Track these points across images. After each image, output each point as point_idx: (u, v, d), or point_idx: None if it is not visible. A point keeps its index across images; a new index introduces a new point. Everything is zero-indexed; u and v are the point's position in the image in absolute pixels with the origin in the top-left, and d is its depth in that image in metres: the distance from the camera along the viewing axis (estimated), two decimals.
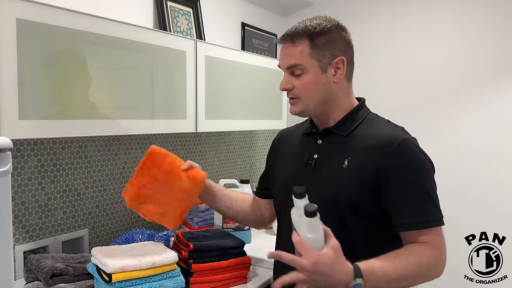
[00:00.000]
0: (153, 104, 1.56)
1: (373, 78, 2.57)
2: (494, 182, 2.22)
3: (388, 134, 1.04)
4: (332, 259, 0.84)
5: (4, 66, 1.11)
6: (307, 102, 1.07)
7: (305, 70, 1.04)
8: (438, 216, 1.01)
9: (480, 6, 2.24)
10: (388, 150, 0.99)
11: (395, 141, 1.00)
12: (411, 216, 0.98)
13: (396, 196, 0.99)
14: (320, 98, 1.07)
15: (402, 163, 0.99)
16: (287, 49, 1.07)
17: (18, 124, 1.15)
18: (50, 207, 1.53)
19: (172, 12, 1.95)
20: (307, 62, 1.04)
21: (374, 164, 1.00)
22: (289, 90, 1.08)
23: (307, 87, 1.05)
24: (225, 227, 1.84)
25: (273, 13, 2.83)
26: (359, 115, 1.11)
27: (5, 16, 1.11)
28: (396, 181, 0.99)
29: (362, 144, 1.04)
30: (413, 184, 1.00)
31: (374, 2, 2.58)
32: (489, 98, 2.24)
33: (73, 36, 1.28)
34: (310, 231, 0.85)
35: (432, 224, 0.99)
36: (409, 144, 1.02)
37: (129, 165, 1.83)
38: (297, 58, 1.05)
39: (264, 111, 2.21)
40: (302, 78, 1.05)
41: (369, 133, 1.06)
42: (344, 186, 1.02)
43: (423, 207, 0.99)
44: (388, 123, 1.11)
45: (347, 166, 1.03)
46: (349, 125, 1.09)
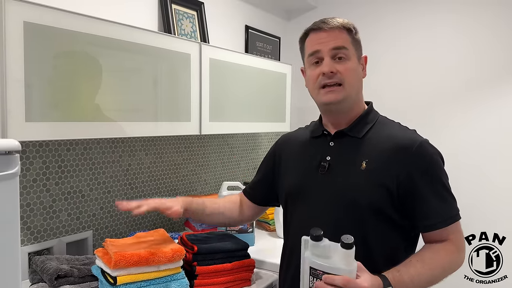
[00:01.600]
0: (157, 107, 1.57)
1: (377, 81, 2.57)
2: (495, 183, 2.22)
3: (405, 137, 1.06)
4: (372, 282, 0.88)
5: (11, 68, 1.12)
6: (348, 90, 1.05)
7: (348, 56, 1.05)
8: (457, 210, 1.04)
9: (483, 9, 2.24)
10: (408, 155, 1.01)
11: (413, 145, 1.02)
12: (437, 216, 1.01)
13: (422, 199, 1.01)
14: (357, 88, 1.08)
15: (423, 166, 1.02)
16: (332, 32, 1.05)
17: (25, 126, 1.15)
18: (54, 208, 1.54)
19: (176, 15, 1.96)
20: (350, 48, 1.06)
21: (395, 169, 1.01)
22: (334, 74, 1.04)
23: (351, 72, 1.05)
24: (229, 229, 1.84)
25: (277, 16, 2.84)
26: (370, 117, 1.12)
27: (12, 19, 1.11)
28: (419, 184, 1.01)
29: (379, 146, 1.05)
30: (435, 184, 1.03)
31: (378, 5, 2.59)
32: (493, 100, 2.24)
33: (79, 39, 1.28)
34: (347, 263, 0.85)
35: (455, 219, 1.03)
36: (426, 147, 1.05)
37: (133, 167, 1.83)
38: (344, 41, 1.05)
39: (268, 113, 2.21)
40: (345, 63, 1.05)
41: (384, 135, 1.07)
42: (364, 188, 1.02)
43: (446, 204, 1.03)
44: (400, 126, 1.13)
45: (365, 168, 1.03)
46: (363, 127, 1.09)
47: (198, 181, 2.20)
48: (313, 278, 0.87)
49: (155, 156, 1.94)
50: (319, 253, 0.86)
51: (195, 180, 2.18)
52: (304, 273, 0.89)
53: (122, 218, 1.79)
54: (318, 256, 0.87)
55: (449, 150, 2.35)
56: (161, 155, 1.98)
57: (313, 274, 0.87)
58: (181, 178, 2.09)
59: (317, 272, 0.86)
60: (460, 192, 2.28)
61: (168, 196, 2.02)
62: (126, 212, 1.81)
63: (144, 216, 1.89)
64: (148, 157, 1.91)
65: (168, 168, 2.02)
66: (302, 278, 0.90)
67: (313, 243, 0.87)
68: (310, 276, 0.87)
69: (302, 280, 0.90)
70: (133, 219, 1.84)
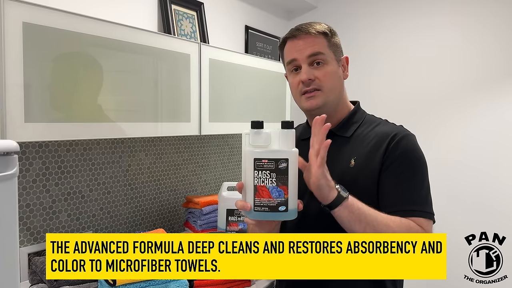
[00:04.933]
0: (157, 107, 1.57)
1: (377, 81, 2.57)
2: (495, 183, 2.22)
3: (391, 129, 1.06)
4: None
5: (10, 69, 1.12)
6: (328, 94, 1.06)
7: (325, 60, 1.06)
8: (431, 210, 1.01)
9: (483, 9, 2.24)
10: (392, 142, 1.02)
11: (399, 135, 1.03)
12: (396, 205, 0.98)
13: (385, 186, 1.00)
14: (337, 91, 1.08)
15: (405, 154, 1.01)
16: (308, 39, 1.06)
17: (24, 127, 1.15)
18: (54, 209, 1.54)
19: (176, 16, 1.96)
20: (328, 53, 1.06)
21: (377, 162, 1.02)
22: (311, 81, 1.06)
23: (329, 77, 1.06)
24: (229, 229, 1.84)
25: (277, 16, 2.83)
26: (357, 117, 1.13)
27: (11, 20, 1.11)
28: (397, 169, 1.00)
29: (368, 143, 1.06)
30: (414, 174, 1.01)
31: (378, 6, 2.58)
32: (492, 100, 2.23)
33: (78, 40, 1.28)
34: (290, 145, 0.86)
35: (427, 215, 0.98)
36: (412, 138, 1.05)
37: (133, 167, 1.83)
38: (320, 47, 1.05)
39: (268, 113, 2.21)
40: (323, 68, 1.05)
41: (372, 132, 1.08)
42: (353, 185, 1.02)
43: (421, 197, 1.00)
44: (387, 122, 1.13)
45: (354, 166, 1.04)
46: (350, 127, 1.11)
47: (198, 182, 2.20)
48: (258, 172, 0.85)
49: (155, 157, 1.94)
50: (261, 142, 0.85)
51: (195, 181, 2.18)
52: (247, 170, 0.86)
53: (121, 218, 1.79)
54: (260, 147, 0.85)
55: (448, 150, 2.36)
56: (161, 156, 1.98)
57: (257, 167, 0.85)
58: (181, 178, 2.09)
59: (262, 162, 0.85)
60: (460, 192, 2.32)
61: (168, 196, 2.02)
62: (126, 212, 1.81)
63: (144, 216, 1.89)
64: (148, 157, 1.91)
65: (168, 168, 2.02)
66: (245, 176, 0.87)
67: (255, 133, 0.86)
68: (254, 171, 0.85)
69: (244, 176, 0.87)
70: (133, 220, 1.84)
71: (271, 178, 0.84)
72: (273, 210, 0.85)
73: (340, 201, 0.89)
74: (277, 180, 0.84)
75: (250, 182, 0.86)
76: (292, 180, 0.85)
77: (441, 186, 2.33)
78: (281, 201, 0.85)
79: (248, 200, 0.86)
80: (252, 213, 0.86)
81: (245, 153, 0.87)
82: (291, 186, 0.85)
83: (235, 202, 0.90)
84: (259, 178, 0.85)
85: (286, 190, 0.84)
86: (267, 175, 0.85)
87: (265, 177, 0.85)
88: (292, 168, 0.85)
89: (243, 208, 0.86)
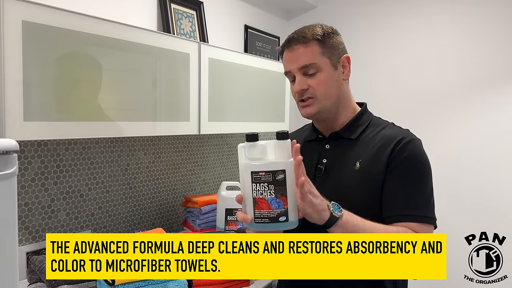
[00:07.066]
0: (156, 106, 1.56)
1: (376, 81, 2.57)
2: (495, 183, 2.23)
3: (398, 133, 1.06)
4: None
5: (10, 68, 1.11)
6: (323, 102, 1.07)
7: (318, 68, 1.05)
8: (433, 215, 1.01)
9: (482, 8, 2.24)
10: (398, 146, 1.02)
11: (404, 139, 1.03)
12: (399, 209, 0.98)
13: (389, 189, 1.00)
14: (334, 96, 1.08)
15: (410, 158, 1.01)
16: (298, 50, 1.07)
17: (23, 126, 1.15)
18: (53, 208, 1.53)
19: (175, 15, 1.96)
20: (320, 60, 1.05)
21: (382, 165, 1.01)
22: (304, 91, 1.07)
23: (323, 84, 1.06)
24: (228, 229, 1.84)
25: (276, 16, 2.83)
26: (363, 119, 1.13)
27: (10, 18, 1.11)
28: (402, 172, 1.00)
29: (373, 146, 1.06)
30: (418, 178, 1.01)
31: (377, 5, 2.58)
32: (492, 100, 2.24)
33: (78, 38, 1.28)
34: (286, 156, 0.84)
35: (428, 220, 0.98)
36: (418, 143, 1.05)
37: (132, 166, 1.83)
38: (310, 58, 1.05)
39: (267, 113, 2.21)
40: (316, 76, 1.06)
41: (378, 135, 1.08)
42: (357, 188, 1.02)
43: (423, 202, 1.00)
44: (393, 125, 1.13)
45: (359, 169, 1.04)
46: (356, 129, 1.10)
47: (197, 181, 2.19)
48: (256, 185, 0.84)
49: (154, 156, 1.94)
50: (257, 154, 0.85)
51: (194, 180, 2.18)
52: (245, 183, 0.86)
53: (120, 217, 1.79)
54: (257, 159, 0.85)
55: (448, 150, 2.37)
56: (160, 155, 1.97)
57: (255, 180, 0.84)
58: (180, 177, 2.09)
59: (259, 175, 0.84)
60: (460, 192, 2.32)
61: (167, 195, 2.02)
62: (125, 211, 1.80)
63: (143, 215, 1.89)
64: (147, 156, 1.90)
65: (167, 167, 2.01)
66: (243, 189, 0.86)
67: (250, 145, 0.85)
68: (252, 184, 0.84)
69: (243, 189, 0.86)
70: (132, 219, 1.84)
71: (269, 190, 0.84)
72: (273, 221, 0.85)
73: (333, 222, 0.88)
74: (276, 192, 0.84)
75: (249, 194, 0.85)
76: (290, 190, 0.84)
77: (441, 185, 2.33)
78: (281, 212, 0.84)
79: (248, 212, 0.86)
80: (254, 224, 0.86)
81: (242, 166, 0.86)
82: (290, 196, 0.84)
83: (236, 214, 0.89)
84: (257, 191, 0.84)
85: (285, 200, 0.84)
86: (265, 187, 0.84)
87: (264, 189, 0.84)
88: (289, 178, 0.84)
89: (244, 221, 0.86)
